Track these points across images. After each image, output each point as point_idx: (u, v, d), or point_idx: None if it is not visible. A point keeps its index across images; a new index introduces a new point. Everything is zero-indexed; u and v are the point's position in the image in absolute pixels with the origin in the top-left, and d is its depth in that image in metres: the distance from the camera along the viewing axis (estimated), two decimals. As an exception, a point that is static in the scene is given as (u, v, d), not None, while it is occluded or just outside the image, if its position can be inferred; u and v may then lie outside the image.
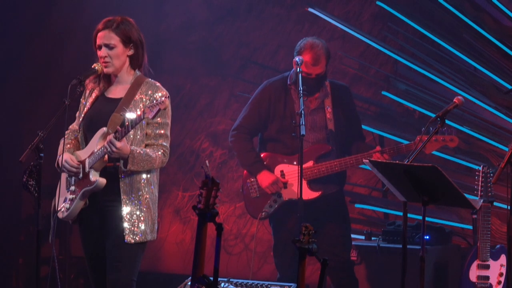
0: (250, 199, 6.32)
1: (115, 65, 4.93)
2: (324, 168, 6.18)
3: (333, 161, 6.17)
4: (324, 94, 6.25)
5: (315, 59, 6.08)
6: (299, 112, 5.81)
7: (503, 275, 5.95)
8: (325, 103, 6.26)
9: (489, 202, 5.95)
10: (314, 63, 6.09)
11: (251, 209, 6.34)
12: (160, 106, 4.63)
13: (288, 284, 5.58)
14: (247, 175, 6.34)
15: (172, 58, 8.42)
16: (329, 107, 6.24)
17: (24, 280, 8.48)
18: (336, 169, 6.17)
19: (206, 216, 3.92)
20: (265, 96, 6.30)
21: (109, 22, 4.93)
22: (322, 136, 6.22)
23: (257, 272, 7.88)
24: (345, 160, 6.17)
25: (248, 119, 6.33)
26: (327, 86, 6.27)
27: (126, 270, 4.86)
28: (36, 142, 4.83)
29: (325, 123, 6.23)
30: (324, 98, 6.25)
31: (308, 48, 6.10)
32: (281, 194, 6.24)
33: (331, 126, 6.24)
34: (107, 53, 4.90)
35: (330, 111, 6.24)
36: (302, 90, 5.90)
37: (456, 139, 6.11)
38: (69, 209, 4.92)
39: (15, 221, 8.54)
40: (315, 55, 6.08)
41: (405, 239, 4.93)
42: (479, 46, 7.28)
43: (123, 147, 4.71)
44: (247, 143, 6.32)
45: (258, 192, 6.28)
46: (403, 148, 6.17)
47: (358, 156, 6.16)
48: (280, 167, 6.26)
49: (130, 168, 4.78)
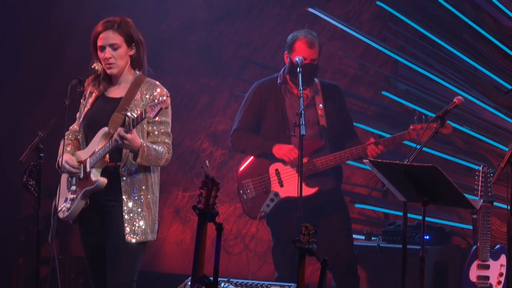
0: (246, 200, 6.31)
1: (119, 65, 4.92)
2: (319, 163, 6.17)
3: (328, 156, 6.17)
4: (315, 91, 6.26)
5: (310, 42, 6.13)
6: (299, 112, 5.83)
7: (503, 275, 5.95)
8: (316, 100, 6.26)
9: (489, 202, 5.95)
10: (310, 45, 6.13)
11: (248, 209, 6.33)
12: (162, 105, 4.63)
13: (288, 284, 5.58)
14: (242, 176, 6.33)
15: (172, 58, 8.42)
16: (320, 104, 6.25)
17: (24, 280, 8.48)
18: (331, 164, 6.17)
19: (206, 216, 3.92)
20: (256, 96, 6.31)
21: (109, 23, 4.92)
22: (315, 132, 6.22)
23: (257, 272, 7.88)
24: (339, 154, 6.17)
25: (243, 121, 6.34)
26: (317, 84, 6.29)
27: (127, 270, 4.86)
28: (36, 142, 4.84)
29: (317, 119, 6.23)
30: (314, 95, 6.26)
31: (301, 36, 6.17)
32: (278, 192, 6.23)
33: (323, 122, 6.24)
34: (111, 54, 4.89)
35: (321, 107, 6.25)
36: (302, 90, 5.92)
37: (450, 125, 6.08)
38: (70, 209, 4.92)
39: (15, 221, 8.54)
40: (310, 39, 6.15)
41: (405, 239, 4.93)
42: (479, 46, 7.28)
43: (134, 138, 4.71)
44: (249, 134, 6.32)
45: (254, 192, 6.28)
46: (397, 138, 6.17)
47: (353, 150, 6.16)
48: (275, 165, 6.26)
49: (139, 162, 4.77)
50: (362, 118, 7.52)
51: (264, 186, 6.27)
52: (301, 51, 6.12)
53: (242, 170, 6.37)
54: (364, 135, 7.34)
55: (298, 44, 6.14)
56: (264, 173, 6.28)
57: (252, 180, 6.29)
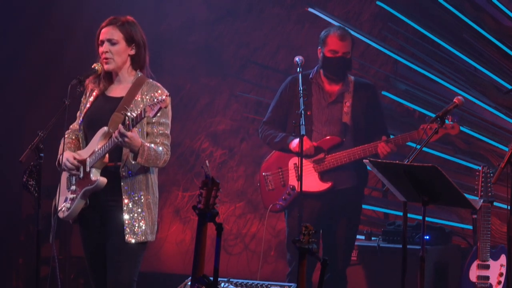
0: (265, 192, 6.37)
1: (116, 61, 4.92)
2: (333, 159, 6.21)
3: (342, 152, 6.20)
4: (345, 88, 6.27)
5: (341, 35, 6.21)
6: (299, 112, 5.84)
7: (503, 275, 5.95)
8: (345, 97, 6.28)
9: (489, 202, 5.95)
10: (342, 38, 6.20)
11: (266, 201, 6.39)
12: (161, 104, 4.62)
13: (288, 284, 5.58)
14: (263, 169, 6.39)
15: (172, 58, 8.42)
16: (347, 102, 6.27)
17: (24, 280, 8.48)
18: (345, 160, 6.19)
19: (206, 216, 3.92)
20: (286, 90, 6.36)
21: (114, 19, 4.94)
22: (337, 130, 6.24)
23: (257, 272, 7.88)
24: (353, 151, 6.19)
25: (271, 115, 6.40)
26: (350, 82, 6.31)
27: (127, 270, 4.86)
28: (36, 142, 4.83)
29: (340, 116, 6.25)
30: (344, 92, 6.27)
31: (333, 30, 6.26)
32: (294, 186, 6.25)
33: (346, 119, 6.25)
34: (108, 49, 4.89)
35: (348, 105, 6.27)
36: (302, 90, 5.92)
37: (457, 126, 6.07)
38: (70, 209, 4.91)
39: (15, 221, 8.54)
40: (342, 32, 6.24)
41: (405, 239, 4.93)
42: (479, 46, 7.28)
43: (134, 137, 4.71)
44: (273, 128, 6.36)
45: (273, 185, 6.32)
46: (407, 137, 6.17)
47: (365, 147, 6.17)
48: (294, 159, 6.29)
49: (139, 161, 4.77)
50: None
51: (282, 179, 6.31)
52: (333, 44, 6.19)
53: (265, 163, 6.44)
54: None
55: (330, 38, 6.21)
56: (284, 166, 6.32)
57: (272, 173, 6.35)
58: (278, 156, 6.38)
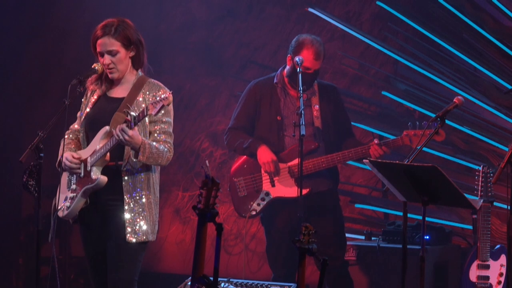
0: (237, 198, 6.32)
1: (120, 69, 4.92)
2: (311, 165, 6.15)
3: (320, 157, 6.16)
4: (311, 93, 6.25)
5: (317, 54, 6.09)
6: (298, 112, 5.82)
7: (503, 275, 5.95)
8: (312, 101, 6.25)
9: (489, 202, 5.95)
10: (317, 57, 6.09)
11: (238, 208, 6.34)
12: (164, 102, 4.62)
13: (288, 284, 5.58)
14: (234, 174, 6.33)
15: (172, 58, 8.42)
16: (316, 105, 6.24)
17: (24, 280, 8.48)
18: (323, 166, 6.15)
19: (206, 216, 3.92)
20: (251, 95, 6.30)
21: (106, 27, 4.88)
22: (309, 133, 6.18)
23: (257, 272, 7.88)
24: (331, 156, 6.15)
25: (237, 120, 6.33)
26: (314, 85, 6.27)
27: (127, 270, 4.86)
28: (36, 142, 4.83)
29: (311, 121, 6.22)
30: (311, 96, 6.25)
31: (309, 44, 6.10)
32: (269, 192, 6.23)
33: (317, 124, 6.22)
34: (110, 60, 4.88)
35: (317, 109, 6.23)
36: (302, 90, 5.91)
37: (443, 133, 6.03)
38: (70, 208, 4.91)
39: (15, 221, 8.54)
40: (317, 49, 6.10)
41: (405, 239, 4.93)
42: (479, 46, 7.28)
43: (135, 135, 4.71)
44: (240, 134, 6.30)
45: (245, 191, 6.28)
46: (390, 143, 6.14)
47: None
48: None
49: (140, 159, 4.76)
50: (362, 118, 7.52)
51: (255, 185, 6.27)
52: (307, 62, 6.05)
53: (235, 168, 6.38)
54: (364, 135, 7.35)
55: (305, 53, 6.07)
56: (256, 172, 6.27)
57: (244, 178, 6.30)
58: (249, 161, 6.31)
